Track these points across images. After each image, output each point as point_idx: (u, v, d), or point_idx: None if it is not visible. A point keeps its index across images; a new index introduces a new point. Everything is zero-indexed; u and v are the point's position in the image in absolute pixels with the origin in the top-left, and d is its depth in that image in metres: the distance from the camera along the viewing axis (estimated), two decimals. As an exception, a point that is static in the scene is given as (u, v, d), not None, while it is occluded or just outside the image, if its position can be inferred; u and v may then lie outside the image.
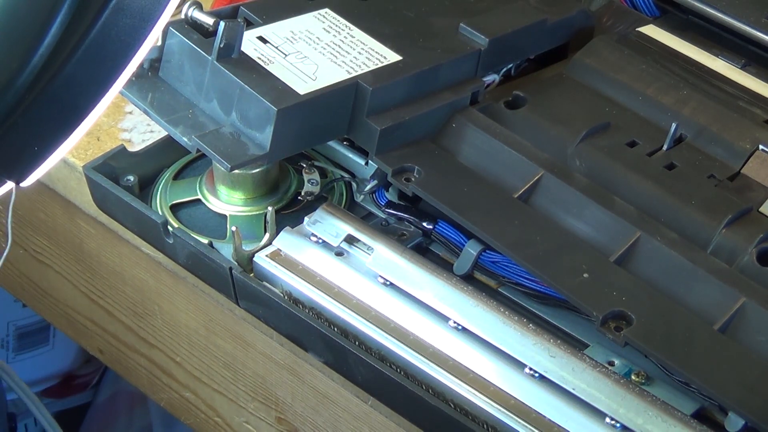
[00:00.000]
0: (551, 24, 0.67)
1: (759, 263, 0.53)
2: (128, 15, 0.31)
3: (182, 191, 0.63)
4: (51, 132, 0.32)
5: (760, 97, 0.65)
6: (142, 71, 0.59)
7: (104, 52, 0.32)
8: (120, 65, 0.33)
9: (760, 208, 0.56)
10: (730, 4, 0.70)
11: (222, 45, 0.56)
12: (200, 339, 0.70)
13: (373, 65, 0.59)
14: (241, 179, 0.61)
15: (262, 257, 0.57)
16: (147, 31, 0.32)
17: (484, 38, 0.62)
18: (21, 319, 1.21)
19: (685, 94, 0.63)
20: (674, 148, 0.60)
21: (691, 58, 0.68)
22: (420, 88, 0.60)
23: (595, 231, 0.55)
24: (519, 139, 0.59)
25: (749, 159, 0.59)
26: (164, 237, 0.58)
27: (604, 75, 0.65)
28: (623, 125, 0.61)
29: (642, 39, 0.70)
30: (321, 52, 0.59)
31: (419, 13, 0.65)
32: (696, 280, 0.52)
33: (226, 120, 0.56)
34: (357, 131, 0.58)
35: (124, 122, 0.73)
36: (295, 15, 0.62)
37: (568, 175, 0.57)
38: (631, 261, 0.53)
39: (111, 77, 0.33)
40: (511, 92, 0.63)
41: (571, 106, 0.62)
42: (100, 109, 0.33)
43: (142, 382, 0.81)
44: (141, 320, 0.76)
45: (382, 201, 0.61)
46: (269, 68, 0.57)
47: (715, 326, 0.50)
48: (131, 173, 0.62)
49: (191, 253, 0.58)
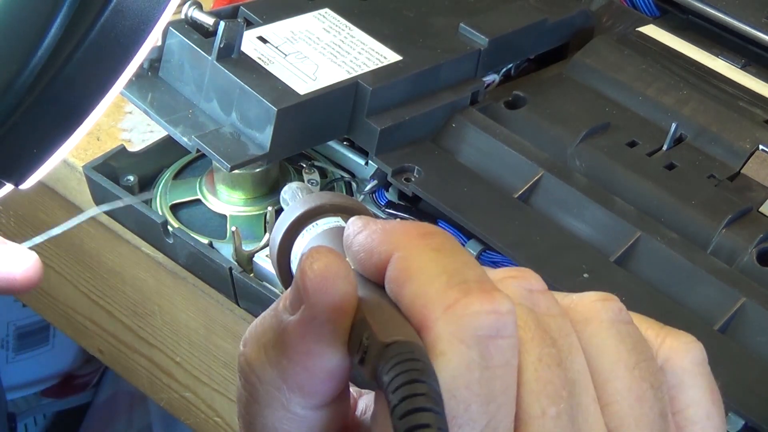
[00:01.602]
0: (551, 24, 0.67)
1: (759, 263, 0.53)
2: (128, 16, 0.31)
3: (182, 191, 0.63)
4: (50, 133, 0.32)
5: (760, 97, 0.65)
6: (142, 71, 0.59)
7: (104, 53, 0.31)
8: (120, 66, 0.32)
9: (760, 208, 0.56)
10: (730, 4, 0.70)
11: (222, 45, 0.56)
12: (200, 339, 0.70)
13: (373, 65, 0.59)
14: (241, 179, 0.61)
15: (262, 257, 0.57)
16: (147, 31, 0.32)
17: (484, 38, 0.62)
18: (21, 319, 1.22)
19: (685, 94, 0.63)
20: (674, 148, 0.60)
21: (691, 58, 0.68)
22: (420, 88, 0.60)
23: (595, 231, 0.55)
24: (519, 139, 0.59)
25: (749, 159, 0.59)
26: (164, 237, 0.58)
27: (604, 75, 0.65)
28: (623, 125, 0.61)
29: (642, 39, 0.70)
30: (321, 52, 0.59)
31: (419, 13, 0.65)
32: (696, 280, 0.52)
33: (226, 120, 0.56)
34: (357, 131, 0.58)
35: (124, 122, 0.73)
36: (295, 15, 0.62)
37: (568, 175, 0.57)
38: (631, 261, 0.53)
39: (111, 78, 0.33)
40: (511, 92, 0.63)
41: (571, 106, 0.62)
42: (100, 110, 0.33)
43: (142, 382, 0.81)
44: (141, 320, 0.76)
45: (382, 201, 0.61)
46: (269, 68, 0.57)
47: (715, 326, 0.50)
48: (131, 173, 0.62)
49: (191, 253, 0.58)
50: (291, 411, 0.31)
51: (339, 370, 0.30)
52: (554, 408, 0.29)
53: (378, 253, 0.30)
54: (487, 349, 0.28)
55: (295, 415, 0.31)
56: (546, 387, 0.29)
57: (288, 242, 0.38)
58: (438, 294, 0.28)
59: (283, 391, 0.30)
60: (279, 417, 0.31)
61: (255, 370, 0.31)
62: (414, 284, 0.29)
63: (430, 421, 0.25)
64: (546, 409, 0.29)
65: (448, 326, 0.28)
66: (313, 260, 0.29)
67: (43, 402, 1.26)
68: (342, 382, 0.30)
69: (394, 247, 0.30)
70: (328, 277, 0.29)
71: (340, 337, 0.29)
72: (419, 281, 0.29)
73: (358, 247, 0.31)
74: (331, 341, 0.29)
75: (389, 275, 0.29)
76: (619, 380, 0.30)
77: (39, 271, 0.46)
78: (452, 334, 0.27)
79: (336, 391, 0.30)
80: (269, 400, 0.31)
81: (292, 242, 0.38)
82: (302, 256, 0.29)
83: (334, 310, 0.29)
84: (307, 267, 0.29)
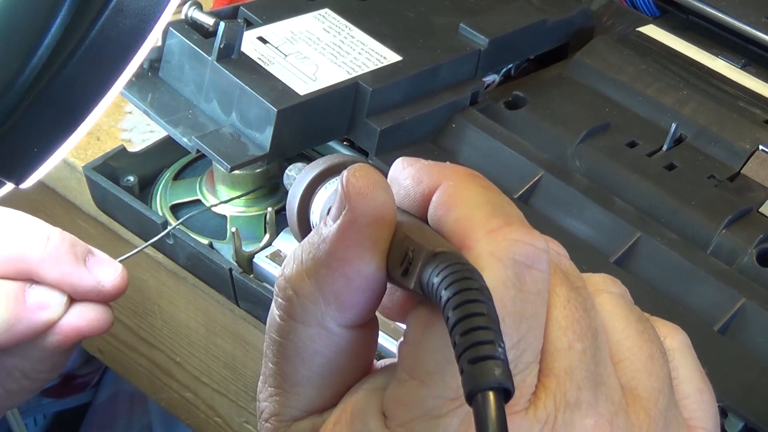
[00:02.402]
0: (551, 24, 0.67)
1: (759, 264, 0.53)
2: (128, 15, 0.31)
3: (182, 191, 0.63)
4: (51, 133, 0.32)
5: (760, 97, 0.65)
6: (142, 71, 0.59)
7: (104, 53, 0.31)
8: (120, 66, 0.33)
9: (760, 209, 0.56)
10: (730, 4, 0.70)
11: (222, 45, 0.56)
12: (200, 339, 0.70)
13: (373, 65, 0.59)
14: (241, 180, 0.61)
15: (262, 258, 0.57)
16: (147, 31, 0.32)
17: (484, 38, 0.62)
18: (21, 319, 1.21)
19: (685, 94, 0.63)
20: (674, 148, 0.60)
21: (691, 58, 0.68)
22: (420, 89, 0.60)
23: (594, 231, 0.55)
24: (519, 140, 0.59)
25: (749, 159, 0.59)
26: (164, 237, 0.58)
27: (604, 75, 0.65)
28: (623, 125, 0.61)
29: (642, 39, 0.70)
30: (321, 53, 0.59)
31: (419, 13, 0.65)
32: (696, 281, 0.52)
33: (226, 120, 0.56)
34: (357, 131, 0.58)
35: (124, 122, 0.73)
36: (295, 15, 0.62)
37: (567, 175, 0.57)
38: (631, 261, 0.53)
39: (111, 78, 0.33)
40: (511, 92, 0.63)
41: (571, 107, 0.62)
42: (100, 109, 0.33)
43: (142, 382, 0.81)
44: (141, 320, 0.76)
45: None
46: (269, 68, 0.57)
47: (715, 327, 0.50)
48: (131, 173, 0.62)
49: (191, 254, 0.58)
50: (325, 327, 0.32)
51: (375, 282, 0.31)
52: (580, 344, 0.30)
53: (427, 182, 0.32)
54: (522, 274, 0.29)
55: (328, 332, 0.32)
56: (573, 324, 0.31)
57: (306, 201, 0.39)
58: (482, 219, 0.30)
59: (319, 304, 0.32)
60: (312, 335, 0.32)
61: (292, 284, 0.32)
62: (460, 209, 0.31)
63: (484, 311, 0.26)
64: (572, 344, 0.30)
65: (489, 246, 0.29)
66: (357, 170, 0.31)
67: (43, 402, 1.26)
68: (376, 298, 0.32)
69: (445, 178, 0.32)
70: (370, 184, 0.31)
71: (379, 245, 0.31)
72: (466, 206, 0.31)
73: (408, 177, 0.33)
74: (370, 247, 0.31)
75: (436, 200, 0.31)
76: (631, 339, 0.32)
77: (126, 281, 0.49)
78: (492, 253, 0.29)
79: (369, 307, 0.32)
80: (305, 315, 0.32)
81: (310, 200, 0.39)
82: (346, 170, 0.31)
83: (374, 216, 0.31)
84: (351, 175, 0.31)
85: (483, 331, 0.26)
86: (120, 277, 0.49)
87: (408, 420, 0.30)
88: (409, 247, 0.30)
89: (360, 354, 0.33)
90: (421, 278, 0.29)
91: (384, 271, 0.31)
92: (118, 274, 0.49)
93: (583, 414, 0.29)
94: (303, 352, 0.33)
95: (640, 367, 0.32)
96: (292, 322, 0.32)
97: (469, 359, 0.26)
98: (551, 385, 0.30)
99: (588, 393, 0.30)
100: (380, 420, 0.31)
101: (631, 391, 0.32)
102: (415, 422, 0.30)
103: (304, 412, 0.33)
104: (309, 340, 0.32)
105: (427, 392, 0.29)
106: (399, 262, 0.30)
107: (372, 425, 0.31)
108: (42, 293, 0.48)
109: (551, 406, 0.29)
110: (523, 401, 0.29)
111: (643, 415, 0.31)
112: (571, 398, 0.29)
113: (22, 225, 0.48)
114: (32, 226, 0.48)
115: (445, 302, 0.27)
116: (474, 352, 0.26)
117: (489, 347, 0.26)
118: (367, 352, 0.33)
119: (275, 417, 0.34)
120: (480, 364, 0.26)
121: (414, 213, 0.33)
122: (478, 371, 0.26)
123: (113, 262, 0.50)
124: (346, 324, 0.32)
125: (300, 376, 0.33)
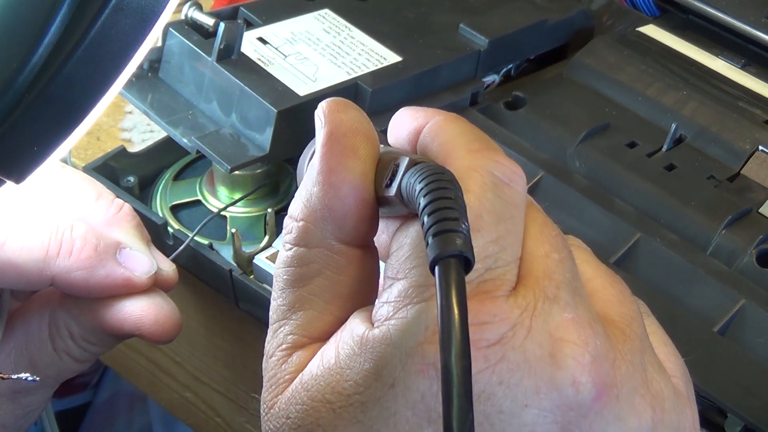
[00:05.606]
0: (551, 24, 0.67)
1: (759, 264, 0.53)
2: (128, 15, 0.31)
3: (182, 192, 0.63)
4: (51, 132, 0.32)
5: (760, 97, 0.65)
6: (142, 72, 0.59)
7: (104, 52, 0.31)
8: (120, 65, 0.33)
9: (759, 209, 0.56)
10: (730, 4, 0.70)
11: (222, 46, 0.56)
12: (200, 339, 0.70)
13: (373, 66, 0.59)
14: (240, 180, 0.61)
15: (262, 259, 0.57)
16: (147, 31, 0.32)
17: (484, 38, 0.62)
18: (21, 319, 1.21)
19: (685, 94, 0.63)
20: (674, 148, 0.60)
21: (691, 58, 0.68)
22: (420, 89, 0.60)
23: (594, 232, 0.55)
24: (518, 140, 0.59)
25: (749, 160, 0.59)
26: (164, 238, 0.58)
27: (604, 75, 0.65)
28: (623, 126, 0.61)
29: (642, 39, 0.70)
30: (321, 53, 0.59)
31: (419, 14, 0.65)
32: (695, 282, 0.52)
33: (226, 121, 0.56)
34: (357, 132, 0.58)
35: (124, 122, 0.73)
36: (294, 16, 0.62)
37: (567, 175, 0.57)
38: (631, 262, 0.53)
39: (111, 77, 0.33)
40: (511, 93, 0.63)
41: (571, 107, 0.62)
42: (100, 109, 0.33)
43: (142, 382, 0.81)
44: (141, 321, 0.76)
45: (382, 201, 0.61)
46: (269, 69, 0.57)
47: (715, 328, 0.50)
48: (131, 174, 0.62)
49: (191, 255, 0.58)
50: (325, 244, 0.34)
51: (363, 191, 0.33)
52: (557, 254, 0.32)
53: (419, 119, 0.35)
54: (500, 185, 0.32)
55: (329, 249, 0.34)
56: (550, 239, 0.32)
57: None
58: (464, 143, 0.33)
59: (318, 224, 0.34)
60: (315, 254, 0.34)
61: (295, 215, 0.34)
62: (446, 135, 0.33)
63: (451, 195, 0.29)
64: (549, 253, 0.32)
65: (469, 162, 0.32)
66: (330, 99, 0.35)
67: (43, 402, 1.26)
68: (368, 213, 0.33)
69: (435, 115, 0.35)
70: (342, 103, 0.34)
71: (359, 152, 0.33)
72: (451, 134, 0.33)
73: (405, 117, 0.36)
74: (350, 154, 0.33)
75: (426, 130, 0.34)
76: (601, 279, 0.34)
77: (176, 275, 0.51)
78: (472, 167, 0.32)
79: (363, 222, 0.33)
80: (307, 237, 0.34)
81: None
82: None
83: (349, 126, 0.34)
84: (324, 102, 0.35)
85: (448, 210, 0.28)
86: (173, 273, 0.51)
87: (393, 314, 0.31)
88: (395, 162, 0.32)
89: (360, 279, 0.34)
90: (401, 184, 0.31)
91: (370, 183, 0.33)
92: (171, 270, 0.51)
93: (561, 308, 0.31)
94: (306, 274, 0.34)
95: (611, 299, 0.33)
96: (296, 248, 0.34)
97: (433, 233, 0.28)
98: (530, 283, 0.31)
99: (566, 294, 0.31)
100: (367, 323, 0.32)
101: (604, 317, 0.32)
102: (399, 312, 0.31)
103: (306, 338, 0.34)
104: (311, 261, 0.34)
105: (408, 284, 0.31)
106: (386, 178, 0.32)
107: (357, 329, 0.32)
108: (133, 255, 0.49)
109: (531, 296, 0.30)
110: (504, 289, 0.30)
111: (619, 334, 0.32)
112: (550, 293, 0.31)
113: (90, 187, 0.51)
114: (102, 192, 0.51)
115: (417, 194, 0.29)
116: (439, 227, 0.28)
117: (452, 223, 0.28)
118: (369, 278, 0.34)
119: (279, 348, 0.35)
120: (443, 235, 0.28)
121: (409, 150, 0.35)
122: (441, 242, 0.28)
123: (165, 259, 0.52)
124: (344, 239, 0.34)
125: (303, 300, 0.34)
